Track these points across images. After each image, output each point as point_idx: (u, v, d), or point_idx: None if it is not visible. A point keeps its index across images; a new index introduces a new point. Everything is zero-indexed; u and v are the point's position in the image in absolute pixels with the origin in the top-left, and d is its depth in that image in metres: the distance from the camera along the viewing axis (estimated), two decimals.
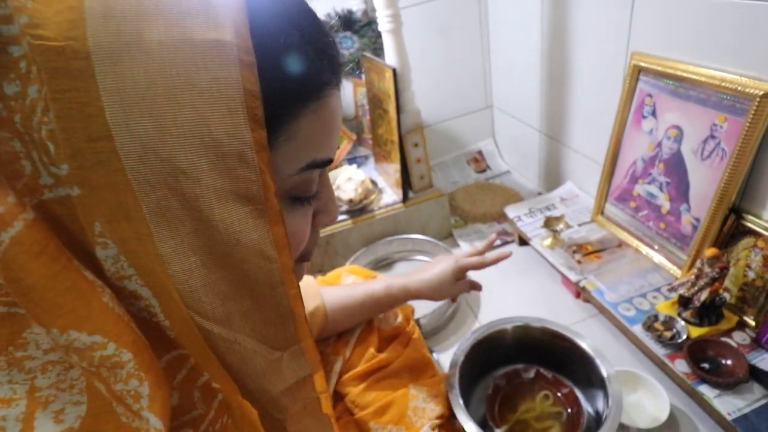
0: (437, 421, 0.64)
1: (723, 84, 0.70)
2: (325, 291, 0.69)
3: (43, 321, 0.24)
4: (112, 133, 0.24)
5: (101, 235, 0.26)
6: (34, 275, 0.23)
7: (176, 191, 0.25)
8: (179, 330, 0.29)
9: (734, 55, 0.69)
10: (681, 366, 0.71)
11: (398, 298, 0.71)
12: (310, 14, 0.31)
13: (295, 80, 0.29)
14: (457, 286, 0.73)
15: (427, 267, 0.74)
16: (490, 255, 0.75)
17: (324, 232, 1.07)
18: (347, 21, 1.26)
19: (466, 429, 0.62)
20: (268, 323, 0.30)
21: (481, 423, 0.69)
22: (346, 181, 1.08)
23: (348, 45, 1.28)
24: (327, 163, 0.34)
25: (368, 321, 0.72)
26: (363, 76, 1.22)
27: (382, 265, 1.15)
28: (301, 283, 0.66)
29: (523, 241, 1.09)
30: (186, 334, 0.29)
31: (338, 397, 0.67)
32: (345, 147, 1.29)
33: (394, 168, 1.11)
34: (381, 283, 0.71)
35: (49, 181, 0.25)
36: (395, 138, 1.05)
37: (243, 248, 0.27)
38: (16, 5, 0.22)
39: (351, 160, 1.30)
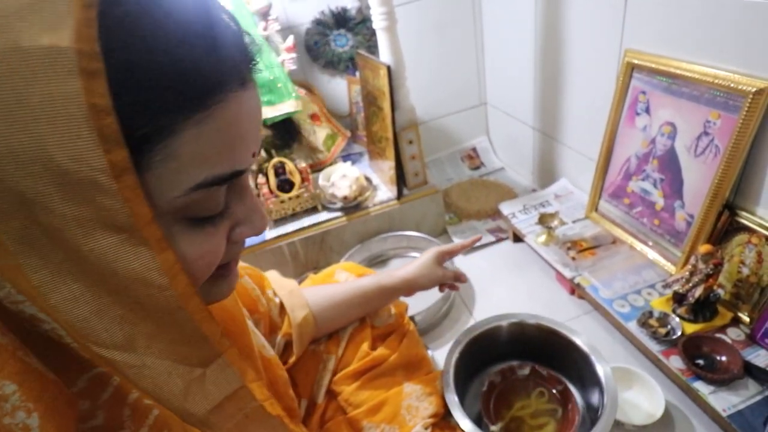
0: (430, 420, 0.64)
1: (716, 81, 0.70)
2: (312, 293, 0.68)
3: None
4: None
5: None
6: None
7: (34, 221, 0.23)
8: (91, 352, 0.27)
9: (727, 51, 0.69)
10: (676, 362, 0.71)
11: (387, 289, 0.70)
12: (200, 1, 0.26)
13: (170, 87, 0.24)
14: (443, 272, 0.74)
15: (410, 262, 0.75)
16: (465, 240, 0.78)
17: (319, 229, 1.07)
18: (342, 19, 1.25)
19: (461, 426, 0.62)
20: (177, 343, 0.28)
21: (476, 420, 0.68)
22: (341, 178, 1.07)
23: (342, 43, 1.28)
24: (231, 177, 0.29)
25: (361, 319, 0.71)
26: (357, 74, 1.21)
27: (377, 261, 1.14)
28: (286, 292, 0.66)
29: (518, 238, 1.09)
30: (96, 358, 0.27)
31: (331, 395, 0.67)
32: (339, 144, 1.29)
33: (388, 165, 1.10)
34: (369, 279, 0.71)
35: None
36: (390, 135, 1.05)
37: (123, 278, 0.24)
38: None
39: (345, 158, 1.29)
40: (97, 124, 0.21)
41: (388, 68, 0.98)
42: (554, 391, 0.71)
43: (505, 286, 1.02)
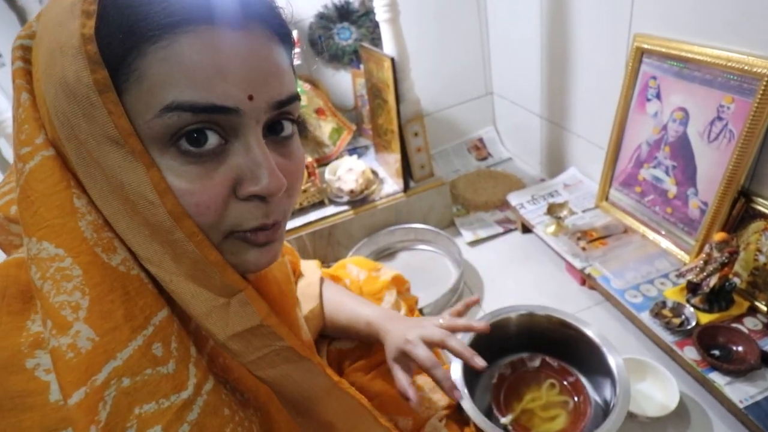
0: (444, 412, 0.64)
1: (729, 64, 0.68)
2: (326, 295, 0.68)
3: (30, 230, 0.29)
4: (44, 97, 0.30)
5: (78, 184, 0.31)
6: (36, 193, 0.29)
7: (78, 140, 0.29)
8: None
9: (740, 33, 0.67)
10: (690, 353, 0.69)
11: (373, 337, 0.64)
12: None
13: (139, 15, 0.28)
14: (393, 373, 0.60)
15: (408, 322, 0.63)
16: (460, 321, 0.63)
17: (326, 223, 1.06)
18: (345, 12, 1.24)
19: (471, 417, 0.62)
20: (194, 268, 0.32)
21: (486, 412, 0.68)
22: (347, 171, 1.07)
23: (346, 36, 1.26)
24: (210, 110, 0.29)
25: None
26: (362, 67, 1.20)
27: (385, 254, 1.14)
28: (303, 282, 0.66)
29: (526, 229, 1.08)
30: None
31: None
32: (345, 138, 1.28)
33: (394, 158, 1.09)
34: (367, 312, 0.65)
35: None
36: (395, 128, 1.04)
37: (128, 190, 0.30)
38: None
39: (351, 151, 1.29)
40: (85, 49, 0.27)
41: (392, 60, 0.96)
42: (565, 382, 0.70)
43: (514, 277, 1.01)
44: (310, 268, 0.71)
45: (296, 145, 0.37)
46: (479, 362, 0.56)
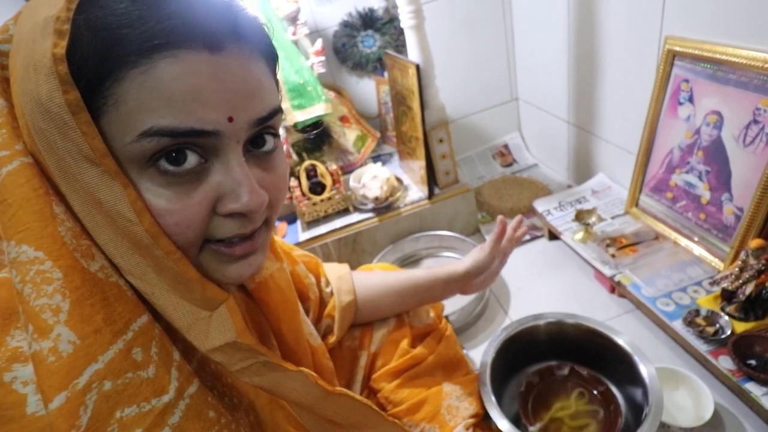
0: (471, 420, 0.63)
1: (766, 65, 0.66)
2: (364, 278, 0.69)
3: (8, 233, 0.29)
4: (23, 109, 0.30)
5: (56, 193, 0.31)
6: (14, 197, 0.29)
7: (56, 155, 0.29)
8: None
9: None
10: (725, 363, 0.67)
11: (440, 279, 0.68)
12: None
13: (115, 40, 0.28)
14: (496, 262, 0.70)
15: (461, 259, 0.71)
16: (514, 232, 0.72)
17: (351, 230, 1.07)
18: (369, 19, 1.25)
19: (498, 426, 0.61)
20: (175, 281, 0.32)
21: (514, 420, 0.67)
22: (372, 179, 1.08)
23: (370, 44, 1.28)
24: (188, 134, 0.30)
25: (399, 318, 0.71)
26: (386, 74, 1.21)
27: (409, 262, 1.14)
28: (336, 277, 0.67)
29: (553, 236, 1.06)
30: None
31: (370, 392, 0.67)
32: (369, 145, 1.29)
33: (419, 165, 1.10)
34: (421, 270, 0.69)
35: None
36: (420, 135, 1.04)
37: (108, 209, 0.30)
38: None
39: (376, 158, 1.30)
40: (56, 69, 0.27)
41: (417, 67, 0.97)
42: (595, 392, 0.69)
43: (541, 285, 1.00)
44: (336, 266, 0.71)
45: (279, 158, 0.38)
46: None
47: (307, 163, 1.10)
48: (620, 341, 0.69)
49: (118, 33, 0.28)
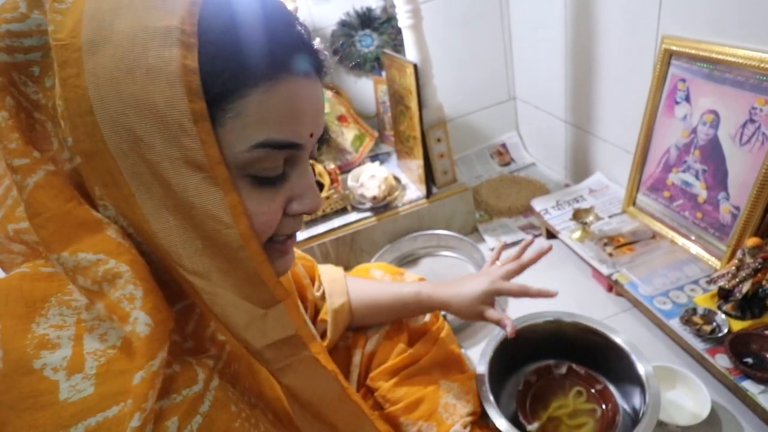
0: (469, 419, 0.63)
1: (762, 65, 0.66)
2: (355, 285, 0.69)
3: (55, 247, 0.30)
4: (92, 108, 0.29)
5: (101, 198, 0.32)
6: (51, 211, 0.30)
7: (142, 158, 0.30)
8: (180, 280, 0.33)
9: None
10: (722, 361, 0.68)
11: (425, 307, 0.70)
12: (274, 6, 0.34)
13: (244, 61, 0.31)
14: (487, 313, 0.67)
15: (460, 281, 0.69)
16: (527, 255, 0.70)
17: (349, 229, 1.07)
18: (367, 19, 1.25)
19: (497, 425, 0.61)
20: (243, 282, 0.34)
21: (512, 419, 0.67)
22: (370, 178, 1.08)
23: (368, 43, 1.28)
24: (288, 147, 0.34)
25: None
26: (383, 74, 1.21)
27: (408, 261, 1.14)
28: (330, 279, 0.67)
29: (551, 235, 1.07)
30: (185, 284, 0.33)
31: (368, 391, 0.67)
32: (367, 145, 1.29)
33: (417, 164, 1.10)
34: (411, 287, 0.69)
35: (67, 155, 0.32)
36: (417, 134, 1.05)
37: (199, 211, 0.31)
38: (50, 18, 0.30)
39: (374, 158, 1.30)
40: (186, 80, 0.29)
41: (415, 66, 0.97)
42: (593, 390, 0.69)
43: (539, 283, 0.98)
44: (330, 268, 0.71)
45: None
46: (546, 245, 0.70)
47: None
48: (618, 340, 0.69)
49: (244, 54, 0.31)
